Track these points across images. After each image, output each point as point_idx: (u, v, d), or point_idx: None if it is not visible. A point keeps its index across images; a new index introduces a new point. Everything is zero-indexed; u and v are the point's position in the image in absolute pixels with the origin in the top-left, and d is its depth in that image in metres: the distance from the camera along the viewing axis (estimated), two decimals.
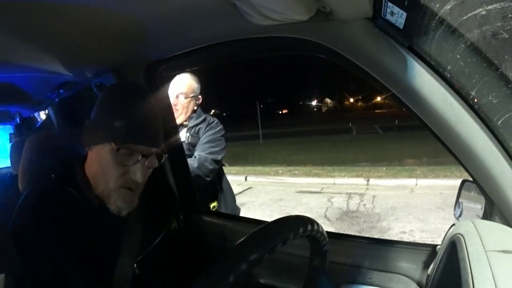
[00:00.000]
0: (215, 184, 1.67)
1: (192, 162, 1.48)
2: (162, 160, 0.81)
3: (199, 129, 1.62)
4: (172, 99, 1.50)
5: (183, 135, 1.59)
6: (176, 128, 1.28)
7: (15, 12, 0.60)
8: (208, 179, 1.53)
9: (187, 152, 1.50)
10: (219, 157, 1.58)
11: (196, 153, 1.55)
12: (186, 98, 1.58)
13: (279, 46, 0.82)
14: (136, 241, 0.82)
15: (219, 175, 1.69)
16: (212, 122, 1.65)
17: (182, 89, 1.57)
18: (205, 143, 1.58)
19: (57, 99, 1.42)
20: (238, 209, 1.78)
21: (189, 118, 1.63)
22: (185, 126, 1.62)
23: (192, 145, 1.60)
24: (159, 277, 0.86)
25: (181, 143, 1.30)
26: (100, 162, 0.77)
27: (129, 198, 0.79)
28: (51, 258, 0.73)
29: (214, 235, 1.17)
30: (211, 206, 1.63)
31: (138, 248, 0.81)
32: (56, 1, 0.59)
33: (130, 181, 0.77)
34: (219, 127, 1.65)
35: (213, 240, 1.16)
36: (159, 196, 0.93)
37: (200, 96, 1.66)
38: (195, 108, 1.64)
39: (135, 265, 0.80)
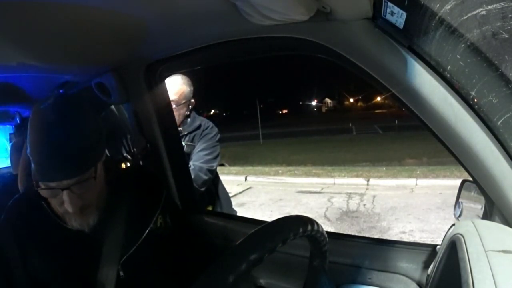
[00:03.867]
0: (211, 189, 1.64)
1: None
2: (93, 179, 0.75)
3: (194, 136, 1.58)
4: None
5: None
6: (176, 129, 1.28)
7: (15, 12, 0.60)
8: (202, 189, 1.50)
9: None
10: (214, 166, 1.54)
11: (191, 163, 1.51)
12: (178, 105, 1.51)
13: (279, 46, 0.82)
14: (117, 244, 0.81)
15: (214, 181, 1.66)
16: (207, 128, 1.60)
17: (172, 96, 1.47)
18: (200, 151, 1.54)
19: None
20: (234, 213, 1.75)
21: (183, 124, 1.57)
22: (179, 132, 1.59)
23: (188, 154, 1.55)
24: (147, 276, 0.86)
25: (181, 143, 1.29)
26: None
27: (80, 219, 0.78)
28: (27, 269, 0.78)
29: (214, 235, 1.17)
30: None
31: (120, 251, 0.81)
32: (56, 1, 0.59)
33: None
34: (214, 132, 1.61)
35: (213, 240, 1.16)
36: (143, 195, 0.92)
37: (193, 100, 1.59)
38: (188, 113, 1.58)
39: (119, 267, 0.80)
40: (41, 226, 0.80)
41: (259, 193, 6.08)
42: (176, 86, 1.52)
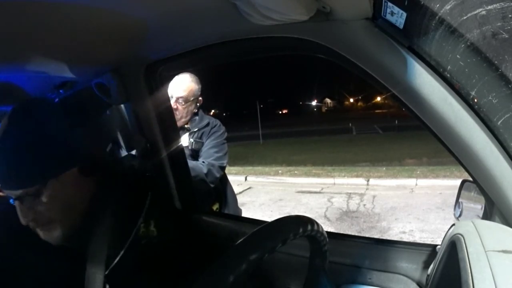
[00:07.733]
0: (217, 186, 1.65)
1: (202, 167, 1.46)
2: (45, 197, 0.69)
3: (202, 134, 1.59)
4: (172, 102, 1.46)
5: (186, 139, 1.56)
6: (176, 130, 1.28)
7: (15, 12, 0.60)
8: (213, 185, 1.52)
9: (190, 159, 1.48)
10: (224, 163, 1.56)
11: (201, 159, 1.52)
12: (186, 102, 1.53)
13: (279, 46, 0.82)
14: (100, 256, 0.77)
15: (222, 178, 1.68)
16: (215, 126, 1.62)
17: (181, 92, 1.52)
18: (210, 148, 1.56)
19: (57, 99, 1.42)
20: (239, 211, 1.77)
21: (191, 122, 1.59)
22: (187, 129, 1.59)
23: (196, 151, 1.57)
24: (135, 285, 0.81)
25: (181, 144, 1.29)
26: None
27: (42, 232, 0.74)
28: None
29: (214, 235, 1.17)
30: (214, 208, 1.63)
31: (104, 263, 0.77)
32: (56, 1, 0.59)
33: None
34: (222, 130, 1.63)
35: (213, 240, 1.16)
36: (126, 202, 0.85)
37: (200, 98, 1.62)
38: (196, 110, 1.61)
39: (104, 280, 0.76)
40: (22, 240, 0.75)
41: (259, 193, 6.09)
42: (185, 83, 1.55)
